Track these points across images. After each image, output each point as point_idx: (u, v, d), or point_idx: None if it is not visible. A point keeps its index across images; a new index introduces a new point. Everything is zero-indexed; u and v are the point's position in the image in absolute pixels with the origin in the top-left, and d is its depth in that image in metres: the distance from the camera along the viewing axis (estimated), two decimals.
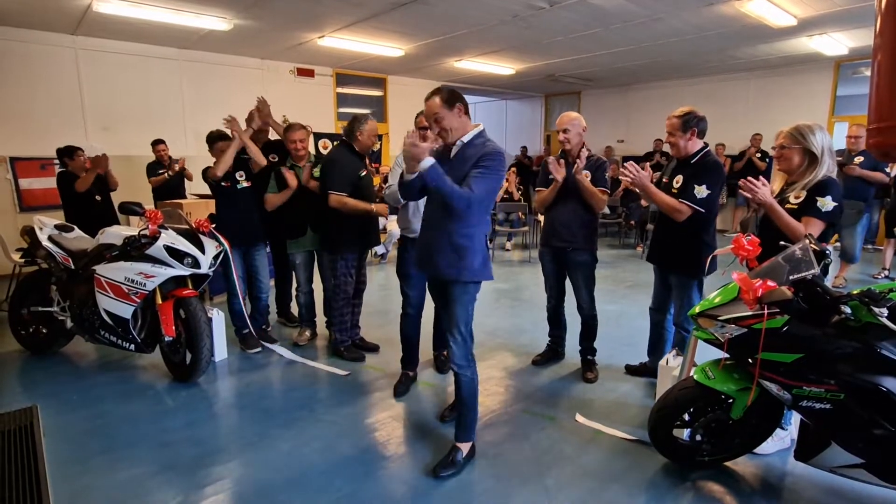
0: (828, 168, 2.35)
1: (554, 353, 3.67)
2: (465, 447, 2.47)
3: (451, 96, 2.27)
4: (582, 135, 3.20)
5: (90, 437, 2.73)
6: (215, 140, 3.79)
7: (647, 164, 3.05)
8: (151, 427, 2.83)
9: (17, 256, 4.19)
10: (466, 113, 2.32)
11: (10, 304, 3.85)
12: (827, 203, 2.29)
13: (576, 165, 3.05)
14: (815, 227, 2.30)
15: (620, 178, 2.99)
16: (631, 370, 3.48)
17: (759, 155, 8.80)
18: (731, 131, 9.33)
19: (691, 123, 2.83)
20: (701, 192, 2.75)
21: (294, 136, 3.70)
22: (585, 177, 3.12)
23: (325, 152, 8.44)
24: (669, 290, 3.12)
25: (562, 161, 3.21)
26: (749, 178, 2.34)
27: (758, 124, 9.05)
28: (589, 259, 3.26)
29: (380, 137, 9.94)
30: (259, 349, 3.90)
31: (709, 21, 6.05)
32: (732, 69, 9.21)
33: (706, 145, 2.92)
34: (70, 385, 3.36)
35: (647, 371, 3.37)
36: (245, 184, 3.81)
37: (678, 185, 2.87)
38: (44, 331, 3.81)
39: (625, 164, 2.91)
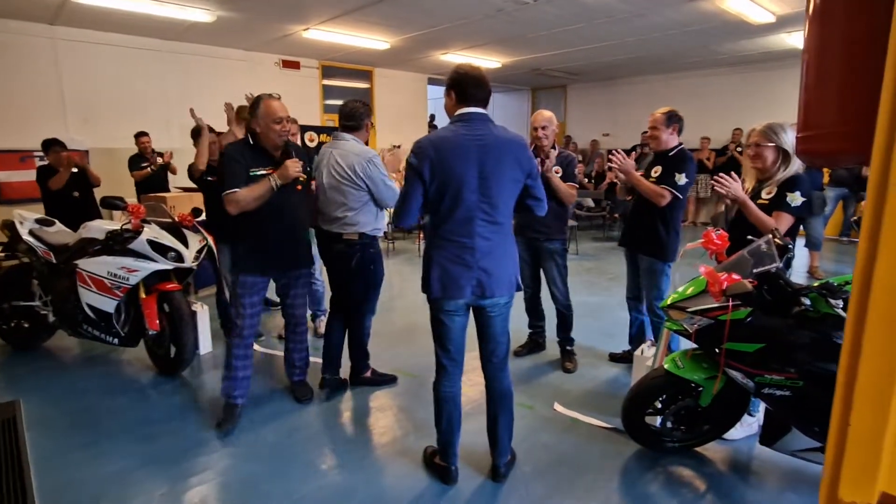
0: (798, 165, 2.46)
1: (535, 344, 3.75)
2: None
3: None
4: (555, 132, 3.35)
5: (74, 430, 2.75)
6: (199, 134, 3.78)
7: (634, 153, 3.20)
8: (136, 420, 2.86)
9: None
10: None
11: None
12: (796, 198, 2.40)
13: (545, 164, 3.15)
14: (785, 221, 2.41)
15: (607, 165, 3.13)
16: (614, 358, 3.61)
17: (738, 150, 8.95)
18: (714, 126, 9.45)
19: (674, 120, 3.06)
20: (680, 179, 2.97)
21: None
22: (556, 173, 3.23)
23: (311, 146, 8.37)
24: None
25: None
26: (721, 174, 2.45)
27: (740, 119, 9.19)
28: (560, 247, 3.41)
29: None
30: None
31: (690, 17, 6.13)
32: (715, 65, 9.32)
33: (682, 143, 3.12)
34: (53, 379, 3.36)
35: (630, 358, 3.48)
36: None
37: (656, 174, 3.07)
38: (26, 325, 3.80)
39: (612, 151, 3.11)
